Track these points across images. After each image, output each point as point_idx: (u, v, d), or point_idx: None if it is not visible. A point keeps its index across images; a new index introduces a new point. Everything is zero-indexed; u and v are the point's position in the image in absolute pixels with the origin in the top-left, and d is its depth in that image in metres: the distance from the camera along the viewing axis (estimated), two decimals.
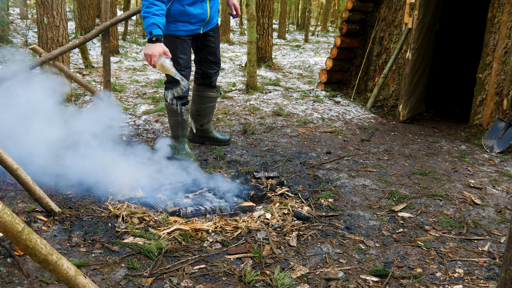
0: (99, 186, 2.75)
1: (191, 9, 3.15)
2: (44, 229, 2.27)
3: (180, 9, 3.13)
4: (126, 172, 2.84)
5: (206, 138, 3.88)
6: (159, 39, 2.84)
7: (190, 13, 3.16)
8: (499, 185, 3.34)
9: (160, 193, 2.75)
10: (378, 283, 2.03)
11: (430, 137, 4.71)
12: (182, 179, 2.93)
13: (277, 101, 5.96)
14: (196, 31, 3.29)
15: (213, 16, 3.36)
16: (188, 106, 3.41)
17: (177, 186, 2.84)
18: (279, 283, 1.95)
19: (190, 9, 3.15)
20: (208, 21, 3.31)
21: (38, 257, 1.27)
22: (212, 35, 3.46)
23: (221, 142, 3.88)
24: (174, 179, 2.91)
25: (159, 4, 2.89)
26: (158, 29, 2.85)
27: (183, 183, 2.89)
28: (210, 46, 3.47)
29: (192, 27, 3.24)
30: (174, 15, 3.14)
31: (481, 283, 2.06)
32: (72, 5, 13.09)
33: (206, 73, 3.57)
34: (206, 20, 3.28)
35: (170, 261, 2.11)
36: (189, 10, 3.15)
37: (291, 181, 3.21)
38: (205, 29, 3.36)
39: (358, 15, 6.37)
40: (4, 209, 1.16)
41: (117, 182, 2.79)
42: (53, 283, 1.85)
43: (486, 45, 4.83)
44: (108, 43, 3.94)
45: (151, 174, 2.92)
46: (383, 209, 2.82)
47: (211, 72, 3.58)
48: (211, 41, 3.47)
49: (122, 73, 7.64)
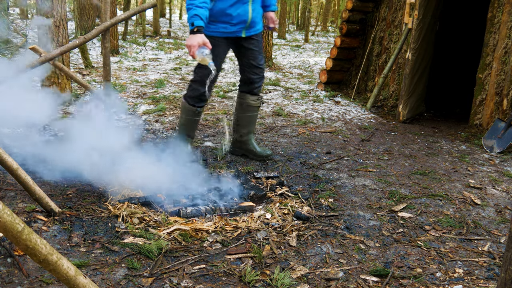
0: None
1: (231, 10, 3.09)
2: (44, 229, 2.27)
3: (221, 9, 3.08)
4: (126, 170, 2.83)
5: (246, 150, 3.66)
6: (200, 30, 2.85)
7: (230, 14, 3.10)
8: (499, 185, 3.34)
9: (160, 193, 2.75)
10: (378, 283, 2.03)
11: (430, 137, 4.71)
12: (182, 179, 2.92)
13: (277, 101, 5.96)
14: (237, 34, 3.21)
15: (255, 20, 3.25)
16: (202, 109, 3.36)
17: (177, 186, 2.84)
18: (279, 283, 1.95)
19: (231, 10, 3.09)
20: (250, 24, 3.21)
21: (38, 257, 1.27)
22: (256, 39, 3.34)
23: (260, 156, 3.61)
24: (174, 179, 2.91)
25: None
26: (199, 21, 2.86)
27: (183, 183, 2.88)
28: (252, 50, 3.35)
29: (232, 29, 3.17)
30: (215, 15, 3.09)
31: (481, 283, 2.06)
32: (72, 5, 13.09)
33: (248, 78, 3.44)
34: (247, 22, 3.18)
35: (170, 261, 2.11)
36: (230, 10, 3.09)
37: (291, 181, 3.21)
38: (247, 33, 3.26)
39: (358, 15, 6.37)
40: (4, 209, 1.16)
41: (117, 180, 2.79)
42: (53, 283, 1.85)
43: (486, 45, 4.83)
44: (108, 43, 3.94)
45: (151, 174, 2.92)
46: (383, 209, 2.82)
47: (254, 77, 3.43)
48: (254, 44, 3.35)
49: (122, 73, 7.64)
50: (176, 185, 2.85)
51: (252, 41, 3.33)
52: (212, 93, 6.31)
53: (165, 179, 2.90)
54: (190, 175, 3.01)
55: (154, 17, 15.00)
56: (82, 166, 2.83)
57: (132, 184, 2.81)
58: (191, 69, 8.50)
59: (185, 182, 2.90)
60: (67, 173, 2.88)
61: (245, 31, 3.24)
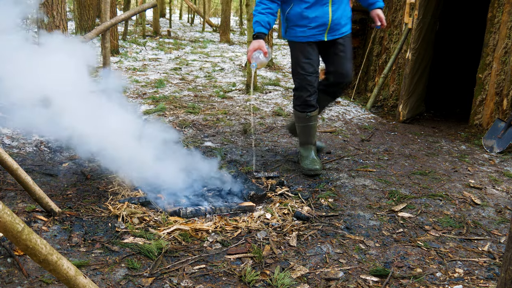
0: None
1: (308, 12, 2.95)
2: (44, 229, 2.27)
3: (298, 13, 2.97)
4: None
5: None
6: (259, 36, 2.89)
7: (307, 17, 2.96)
8: (499, 185, 3.34)
9: (160, 193, 2.75)
10: (378, 283, 2.03)
11: (430, 137, 4.71)
12: (182, 179, 2.92)
13: (277, 101, 5.96)
14: (317, 37, 3.04)
15: (337, 22, 3.03)
16: (315, 113, 3.23)
17: (177, 186, 2.84)
18: (279, 283, 1.95)
19: (308, 12, 2.95)
20: (331, 26, 3.02)
21: (38, 257, 1.27)
22: (342, 43, 3.13)
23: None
24: (175, 180, 2.91)
25: (266, 3, 2.93)
26: (259, 27, 2.90)
27: (183, 183, 2.88)
28: (337, 55, 3.14)
29: (311, 32, 3.02)
30: (293, 19, 3.01)
31: (481, 283, 2.06)
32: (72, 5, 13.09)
33: (331, 84, 3.24)
34: (328, 24, 3.00)
35: (170, 261, 2.11)
36: (307, 13, 2.95)
37: (291, 181, 3.21)
38: (330, 36, 3.06)
39: (358, 15, 6.36)
40: (4, 209, 1.16)
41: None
42: (53, 283, 1.86)
43: (486, 45, 4.83)
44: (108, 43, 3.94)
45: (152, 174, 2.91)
46: (383, 209, 2.82)
47: (336, 84, 3.23)
48: (339, 49, 3.12)
49: (122, 73, 7.64)
50: (175, 185, 2.85)
51: (337, 45, 3.13)
52: (212, 93, 6.31)
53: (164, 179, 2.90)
54: (190, 176, 3.01)
55: (154, 17, 15.01)
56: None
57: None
58: (191, 69, 8.50)
59: (185, 182, 2.91)
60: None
61: (328, 34, 3.05)
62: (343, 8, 3.07)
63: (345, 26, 3.12)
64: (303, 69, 3.09)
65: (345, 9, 3.09)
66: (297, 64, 3.11)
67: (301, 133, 3.34)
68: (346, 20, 3.12)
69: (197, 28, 18.69)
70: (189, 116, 4.92)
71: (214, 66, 8.95)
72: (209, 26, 18.72)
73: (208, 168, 3.13)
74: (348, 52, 3.19)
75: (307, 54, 3.08)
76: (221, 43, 13.89)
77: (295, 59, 3.11)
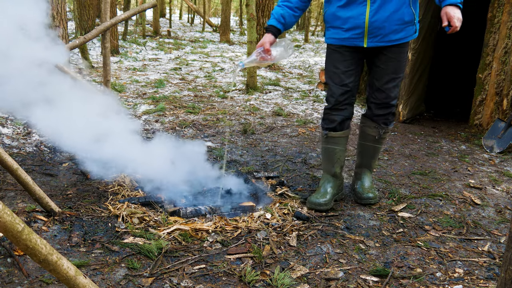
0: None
1: (342, 12, 2.51)
2: (44, 229, 2.27)
3: (332, 12, 2.58)
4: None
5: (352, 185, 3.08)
6: (268, 29, 2.62)
7: (340, 17, 2.53)
8: (499, 185, 3.34)
9: (160, 192, 2.75)
10: (378, 283, 2.03)
11: (430, 137, 4.71)
12: (182, 179, 2.93)
13: (277, 101, 5.96)
14: (354, 42, 2.55)
15: (380, 25, 2.48)
16: (335, 134, 2.72)
17: (177, 186, 2.84)
18: (279, 283, 1.95)
19: (341, 12, 2.52)
20: (369, 30, 2.49)
21: (38, 257, 1.27)
22: (385, 53, 2.58)
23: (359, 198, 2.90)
24: (175, 179, 2.91)
25: None
26: (271, 20, 2.64)
27: (183, 183, 2.89)
28: (378, 67, 2.64)
29: (345, 35, 2.55)
30: (328, 20, 2.63)
31: (481, 283, 2.06)
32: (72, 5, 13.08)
33: (367, 101, 2.78)
34: (364, 28, 2.49)
35: (170, 261, 2.11)
36: (340, 12, 2.52)
37: (291, 181, 3.21)
38: (372, 42, 2.53)
39: None
40: (4, 209, 1.16)
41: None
42: (53, 283, 1.86)
43: (486, 45, 4.83)
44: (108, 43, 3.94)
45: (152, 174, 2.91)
46: (383, 209, 2.82)
47: (372, 101, 2.74)
48: (381, 60, 2.61)
49: (122, 73, 7.64)
50: (175, 186, 2.85)
51: (379, 55, 2.61)
52: (212, 93, 6.31)
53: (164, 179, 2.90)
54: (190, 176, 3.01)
55: (154, 17, 15.01)
56: None
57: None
58: (191, 69, 8.50)
59: (185, 182, 2.91)
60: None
61: (367, 40, 2.53)
62: (393, 9, 2.46)
63: (395, 32, 2.52)
64: (330, 78, 2.70)
65: (398, 10, 2.47)
66: (325, 69, 2.75)
67: (322, 155, 2.89)
68: (395, 24, 2.50)
69: (197, 28, 18.69)
70: (189, 116, 4.92)
71: (214, 66, 8.95)
72: (209, 26, 18.72)
73: (208, 168, 3.13)
74: (391, 66, 2.61)
75: (334, 61, 2.66)
76: (221, 43, 13.89)
77: (325, 64, 2.75)
